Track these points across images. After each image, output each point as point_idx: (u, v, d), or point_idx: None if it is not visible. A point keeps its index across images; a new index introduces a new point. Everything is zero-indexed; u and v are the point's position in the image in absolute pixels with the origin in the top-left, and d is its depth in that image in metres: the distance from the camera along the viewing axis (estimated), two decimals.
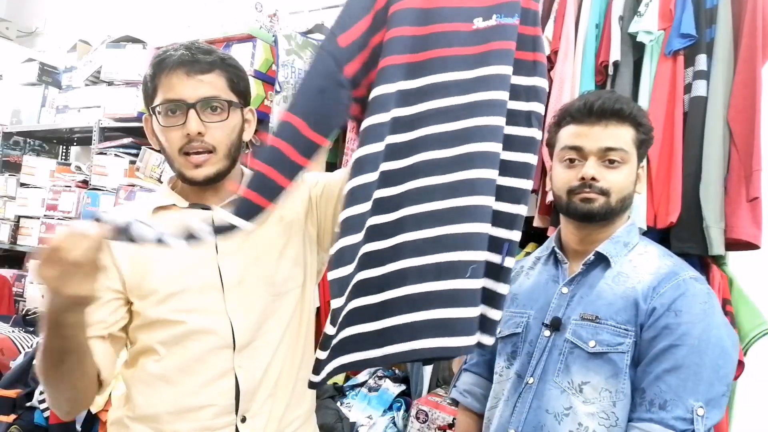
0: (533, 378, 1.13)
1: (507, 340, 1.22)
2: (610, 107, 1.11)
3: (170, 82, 0.99)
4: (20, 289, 3.23)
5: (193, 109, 0.98)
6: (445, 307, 0.85)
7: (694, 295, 1.06)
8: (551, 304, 1.17)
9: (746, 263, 1.56)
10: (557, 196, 1.18)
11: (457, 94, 0.90)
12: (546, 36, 1.72)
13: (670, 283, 1.07)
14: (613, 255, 1.14)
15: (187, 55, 1.00)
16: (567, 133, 1.16)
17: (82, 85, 3.12)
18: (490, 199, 0.88)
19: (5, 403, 2.14)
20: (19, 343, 2.50)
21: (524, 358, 1.17)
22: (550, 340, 1.14)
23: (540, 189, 1.68)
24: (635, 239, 1.18)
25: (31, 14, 4.41)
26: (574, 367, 1.09)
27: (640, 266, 1.12)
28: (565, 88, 1.64)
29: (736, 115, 1.48)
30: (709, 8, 1.56)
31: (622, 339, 1.06)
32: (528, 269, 1.30)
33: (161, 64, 1.01)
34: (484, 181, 0.87)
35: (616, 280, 1.12)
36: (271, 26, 2.49)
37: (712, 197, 1.46)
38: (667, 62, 1.56)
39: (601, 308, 1.10)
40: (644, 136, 1.15)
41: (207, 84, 1.00)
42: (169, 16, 2.83)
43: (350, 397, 1.85)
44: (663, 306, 1.05)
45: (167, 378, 1.02)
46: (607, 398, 1.06)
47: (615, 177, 1.11)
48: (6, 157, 3.60)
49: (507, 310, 1.24)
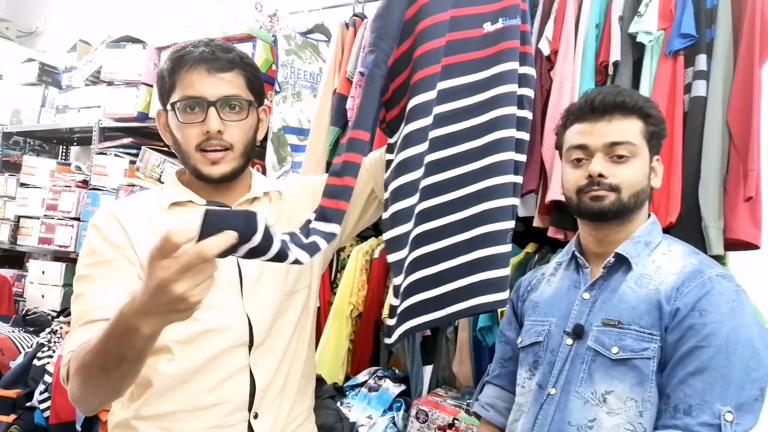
0: (555, 389, 1.08)
1: (528, 350, 1.17)
2: (612, 101, 1.08)
3: (190, 78, 0.99)
4: (20, 289, 3.23)
5: (213, 107, 0.98)
6: (491, 270, 1.05)
7: (720, 293, 0.98)
8: (573, 311, 1.12)
9: (746, 263, 1.56)
10: (568, 197, 1.14)
11: (479, 92, 1.07)
12: (546, 36, 1.72)
13: (694, 281, 1.01)
14: (634, 255, 1.09)
15: (207, 52, 1.00)
16: (572, 133, 1.14)
17: (82, 85, 3.13)
18: (513, 177, 1.07)
19: (5, 403, 2.14)
20: (19, 343, 2.51)
21: (546, 367, 1.11)
22: (572, 349, 1.08)
23: (540, 189, 1.68)
24: (657, 238, 1.12)
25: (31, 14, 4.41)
26: (597, 376, 1.03)
27: (664, 266, 1.06)
28: (565, 88, 1.64)
29: (735, 116, 1.48)
30: (709, 8, 1.56)
31: (646, 344, 1.00)
32: (549, 276, 1.25)
33: (181, 60, 1.00)
34: (508, 162, 1.06)
35: (638, 283, 1.06)
36: (271, 26, 2.49)
37: (711, 197, 1.46)
38: (667, 62, 1.56)
39: (624, 312, 1.04)
40: (654, 128, 1.10)
41: (227, 82, 1.00)
42: (169, 16, 2.83)
43: (350, 397, 1.85)
44: (687, 306, 0.99)
45: (181, 377, 1.00)
46: (632, 408, 0.99)
47: (624, 172, 1.07)
48: (6, 157, 3.61)
49: (528, 318, 1.22)
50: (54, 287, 3.02)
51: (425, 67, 1.03)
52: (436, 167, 1.07)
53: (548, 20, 1.73)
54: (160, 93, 1.05)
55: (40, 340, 2.34)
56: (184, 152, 1.03)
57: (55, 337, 2.32)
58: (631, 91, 1.16)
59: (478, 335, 1.77)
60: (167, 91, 1.03)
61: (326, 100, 2.17)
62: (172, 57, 1.02)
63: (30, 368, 2.22)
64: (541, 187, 1.68)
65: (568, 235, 1.67)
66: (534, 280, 1.29)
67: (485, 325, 1.73)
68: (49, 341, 2.30)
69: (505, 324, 1.31)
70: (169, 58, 1.03)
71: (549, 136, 1.64)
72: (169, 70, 1.02)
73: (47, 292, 3.03)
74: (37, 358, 2.24)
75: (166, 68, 1.02)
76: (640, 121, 1.09)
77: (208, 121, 0.98)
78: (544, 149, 1.65)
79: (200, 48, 1.01)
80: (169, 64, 1.02)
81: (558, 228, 1.66)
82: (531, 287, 1.27)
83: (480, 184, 1.06)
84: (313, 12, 2.65)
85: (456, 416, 1.63)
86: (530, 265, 1.76)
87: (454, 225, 1.07)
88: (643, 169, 1.09)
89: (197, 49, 1.01)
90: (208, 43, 1.02)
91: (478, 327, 1.75)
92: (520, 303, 1.28)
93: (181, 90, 1.00)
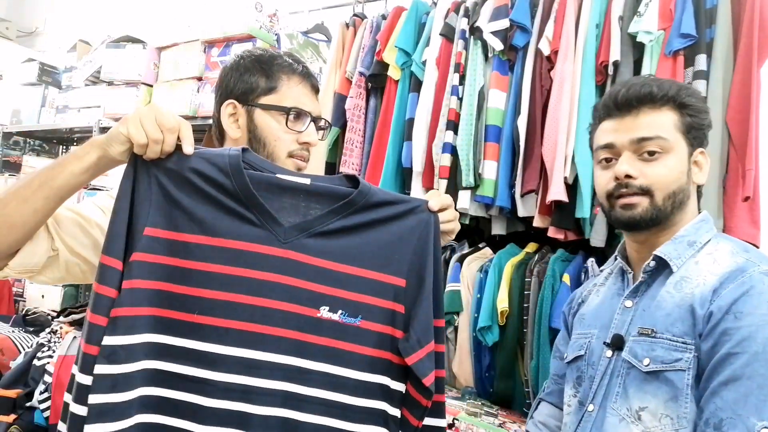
0: (593, 405, 0.99)
1: (573, 365, 1.09)
2: (636, 93, 0.98)
3: (300, 90, 1.07)
4: (20, 289, 3.23)
5: (314, 123, 1.07)
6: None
7: (760, 293, 0.86)
8: (614, 321, 1.02)
9: None
10: (601, 205, 1.05)
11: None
12: (546, 36, 1.72)
13: (734, 281, 0.88)
14: (674, 258, 0.97)
15: (307, 71, 1.10)
16: (600, 132, 1.04)
17: (82, 85, 3.12)
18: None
19: (5, 403, 2.14)
20: (19, 343, 2.50)
21: (587, 383, 1.03)
22: (611, 362, 0.99)
23: (540, 189, 1.68)
24: (705, 236, 0.99)
25: (31, 14, 4.41)
26: (632, 390, 0.94)
27: (705, 267, 0.94)
28: (565, 88, 1.65)
29: (734, 116, 1.48)
30: (709, 8, 1.56)
31: (680, 354, 0.89)
32: (599, 286, 1.15)
33: (285, 69, 1.07)
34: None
35: (678, 287, 0.95)
36: (271, 26, 2.49)
37: (711, 197, 1.46)
38: (667, 62, 1.56)
39: (659, 320, 0.94)
40: (692, 118, 0.98)
41: (318, 102, 1.11)
42: (169, 16, 2.83)
43: None
44: (721, 309, 0.87)
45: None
46: (668, 426, 0.89)
47: (656, 170, 0.96)
48: (6, 157, 3.60)
49: (575, 332, 1.14)
50: (54, 287, 3.01)
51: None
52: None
53: (548, 20, 1.73)
54: (245, 89, 1.06)
55: (40, 340, 2.34)
56: (270, 152, 1.05)
57: (55, 337, 2.31)
58: (662, 80, 1.03)
59: (478, 335, 1.77)
60: (263, 90, 1.05)
61: (326, 99, 2.17)
62: (271, 61, 1.07)
63: (30, 368, 2.22)
64: (542, 187, 1.68)
65: (568, 235, 1.67)
66: (585, 291, 1.20)
67: (485, 325, 1.73)
68: (49, 341, 2.30)
69: (560, 339, 1.23)
70: (261, 60, 1.07)
71: (549, 136, 1.64)
72: (269, 72, 1.06)
73: (47, 292, 3.02)
74: (37, 358, 2.24)
75: (258, 66, 1.06)
76: (674, 113, 0.98)
77: (309, 133, 1.06)
78: (545, 149, 1.65)
79: (300, 64, 1.09)
80: (268, 66, 1.06)
81: (558, 228, 1.66)
82: (582, 299, 1.19)
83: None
84: (313, 12, 2.65)
85: (456, 416, 1.63)
86: (530, 265, 1.76)
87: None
88: (679, 165, 0.97)
89: (297, 62, 1.09)
90: (299, 61, 1.11)
91: (478, 327, 1.75)
92: (571, 317, 1.20)
93: (291, 98, 1.05)
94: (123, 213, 0.82)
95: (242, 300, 0.85)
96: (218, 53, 2.53)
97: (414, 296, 0.91)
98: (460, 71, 1.86)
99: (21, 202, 0.84)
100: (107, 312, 0.80)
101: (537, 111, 1.71)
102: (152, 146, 0.82)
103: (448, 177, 1.83)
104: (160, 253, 0.84)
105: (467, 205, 1.81)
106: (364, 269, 0.90)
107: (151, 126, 0.82)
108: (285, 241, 0.87)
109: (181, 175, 0.85)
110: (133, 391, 0.82)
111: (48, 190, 0.84)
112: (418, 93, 1.97)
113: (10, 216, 0.84)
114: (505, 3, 1.83)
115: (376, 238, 0.91)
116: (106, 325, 0.80)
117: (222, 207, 0.86)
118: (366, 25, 2.22)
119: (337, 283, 0.88)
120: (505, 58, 1.83)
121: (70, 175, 0.85)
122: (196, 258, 0.84)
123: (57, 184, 0.84)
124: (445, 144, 1.83)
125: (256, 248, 0.86)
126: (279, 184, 0.89)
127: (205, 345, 0.84)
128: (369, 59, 2.12)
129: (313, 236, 0.88)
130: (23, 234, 0.87)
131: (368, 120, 2.15)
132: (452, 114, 1.84)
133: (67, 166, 0.85)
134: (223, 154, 0.87)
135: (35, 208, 0.85)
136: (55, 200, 0.86)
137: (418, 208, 0.94)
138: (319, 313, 0.87)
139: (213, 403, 0.83)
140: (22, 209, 0.84)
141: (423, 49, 1.99)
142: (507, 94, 1.81)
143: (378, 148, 2.06)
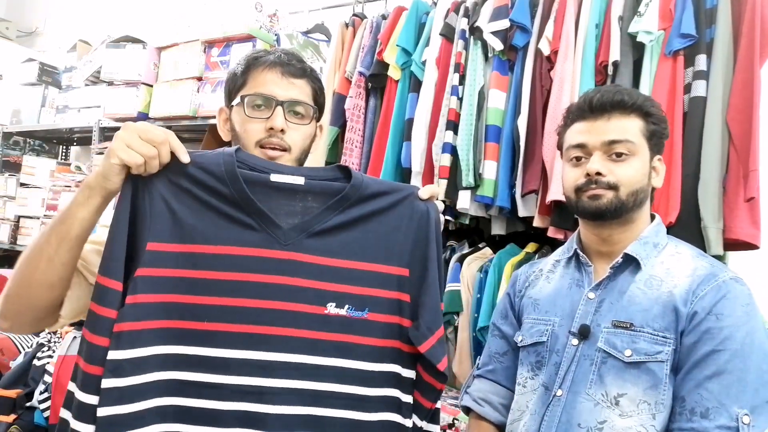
0: (562, 390, 1.06)
1: (530, 349, 1.15)
2: (610, 99, 1.08)
3: (264, 77, 1.03)
4: None
5: (280, 107, 1.01)
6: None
7: (735, 298, 0.99)
8: (578, 311, 1.10)
9: (745, 263, 1.56)
10: (567, 197, 1.14)
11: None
12: (546, 36, 1.72)
13: (709, 285, 1.01)
14: (643, 257, 1.07)
15: (283, 58, 1.05)
16: (571, 132, 1.13)
17: (82, 85, 3.13)
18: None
19: (5, 403, 2.14)
20: (19, 343, 2.50)
21: (551, 368, 1.09)
22: (578, 350, 1.07)
23: (540, 189, 1.68)
24: (664, 239, 1.12)
25: (31, 14, 4.41)
26: (609, 378, 1.02)
27: (674, 268, 1.06)
28: (565, 88, 1.65)
29: (735, 116, 1.48)
30: (709, 8, 1.56)
31: (660, 347, 1.00)
32: (547, 272, 1.23)
33: (257, 61, 1.05)
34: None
35: (648, 284, 1.05)
36: (271, 26, 2.50)
37: (711, 197, 1.46)
38: (667, 62, 1.56)
39: (636, 315, 1.03)
40: (655, 126, 1.09)
41: (297, 87, 1.04)
42: (169, 16, 2.83)
43: None
44: (704, 310, 0.98)
45: None
46: (645, 411, 0.98)
47: (623, 170, 1.06)
48: (6, 157, 3.60)
49: (528, 316, 1.19)
50: None
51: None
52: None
53: (548, 20, 1.73)
54: (229, 90, 1.08)
55: (40, 340, 2.34)
56: (243, 146, 1.04)
57: (55, 337, 2.31)
58: (631, 89, 1.15)
59: (478, 335, 1.77)
60: (237, 87, 1.05)
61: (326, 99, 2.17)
62: (247, 58, 1.07)
63: (30, 368, 2.22)
64: (542, 187, 1.68)
65: (568, 234, 1.67)
66: (532, 275, 1.26)
67: (485, 325, 1.73)
68: (49, 341, 2.30)
69: (500, 318, 1.28)
70: (244, 60, 1.07)
71: (549, 136, 1.64)
72: (243, 69, 1.06)
73: None
74: (37, 358, 2.24)
75: (240, 68, 1.06)
76: (640, 120, 1.09)
77: (274, 117, 1.00)
78: (545, 150, 1.65)
79: (277, 53, 1.06)
80: (245, 63, 1.06)
81: (558, 228, 1.66)
82: (529, 283, 1.25)
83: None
84: (313, 12, 2.65)
85: (456, 416, 1.63)
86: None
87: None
88: (642, 167, 1.09)
89: (273, 54, 1.06)
90: (285, 51, 1.08)
91: (478, 327, 1.75)
92: (518, 299, 1.25)
93: (253, 87, 1.03)
94: (120, 234, 0.83)
95: (250, 304, 0.86)
96: (218, 53, 2.53)
97: (419, 285, 0.94)
98: (460, 71, 1.86)
99: (48, 261, 0.87)
100: (109, 333, 0.81)
101: (537, 111, 1.71)
102: (150, 162, 0.83)
103: (448, 177, 1.83)
104: (165, 266, 0.84)
105: (467, 205, 1.80)
106: (366, 262, 0.91)
107: (140, 145, 0.82)
108: (286, 243, 0.88)
109: (179, 186, 0.86)
110: (144, 402, 0.82)
111: (68, 243, 0.87)
112: (418, 93, 1.97)
113: (46, 276, 0.88)
114: (505, 3, 1.83)
115: (375, 230, 0.93)
116: (108, 345, 0.81)
117: (222, 215, 0.87)
118: (366, 25, 2.22)
119: (341, 279, 0.90)
120: (505, 58, 1.83)
121: (82, 222, 0.86)
122: (201, 267, 0.85)
123: (74, 235, 0.86)
124: (445, 144, 1.83)
125: (259, 253, 0.87)
126: (274, 186, 0.89)
127: (218, 351, 0.85)
128: (369, 59, 2.12)
129: (313, 235, 0.89)
130: (63, 287, 0.91)
131: (368, 120, 2.15)
132: (452, 114, 1.84)
133: (76, 215, 0.86)
134: (218, 160, 0.88)
135: (63, 262, 0.88)
136: (77, 248, 0.89)
137: (411, 195, 0.96)
138: (327, 310, 0.89)
139: (229, 405, 0.84)
140: (53, 267, 0.87)
141: (423, 49, 1.99)
142: (507, 94, 1.81)
143: (378, 148, 2.06)
